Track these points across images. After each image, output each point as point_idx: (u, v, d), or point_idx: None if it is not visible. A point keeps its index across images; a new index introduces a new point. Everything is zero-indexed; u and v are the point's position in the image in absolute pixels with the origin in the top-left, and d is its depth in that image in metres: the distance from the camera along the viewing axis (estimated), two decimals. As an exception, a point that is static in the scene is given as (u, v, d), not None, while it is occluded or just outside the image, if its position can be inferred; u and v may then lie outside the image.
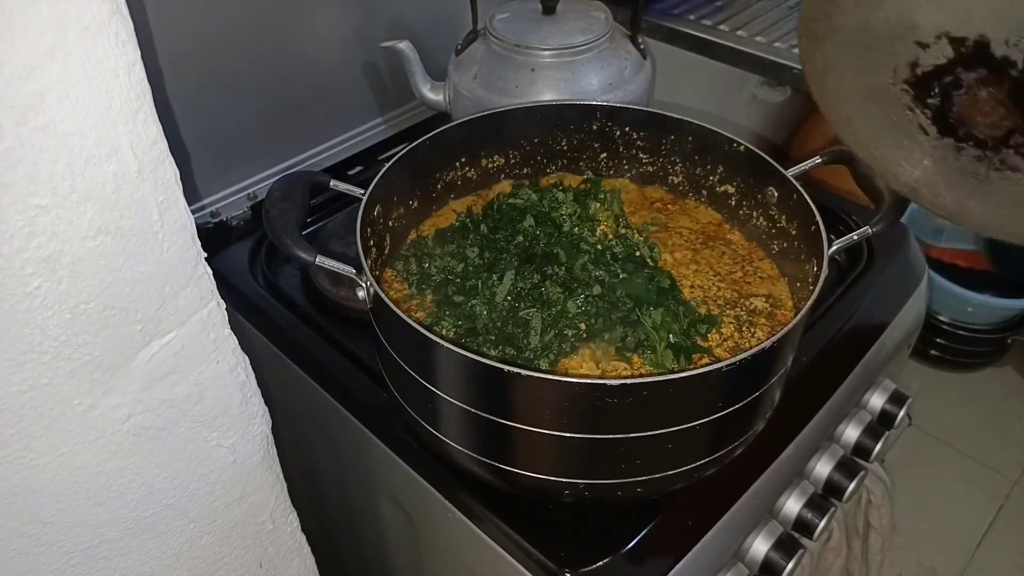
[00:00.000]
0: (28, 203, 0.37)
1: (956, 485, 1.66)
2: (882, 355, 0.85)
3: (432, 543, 0.76)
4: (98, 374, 0.44)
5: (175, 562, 0.55)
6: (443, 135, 0.73)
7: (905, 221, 0.81)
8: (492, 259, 0.69)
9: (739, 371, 0.52)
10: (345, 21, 0.98)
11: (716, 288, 0.69)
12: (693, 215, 0.78)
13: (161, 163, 0.42)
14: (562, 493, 0.59)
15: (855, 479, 0.77)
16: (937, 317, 1.76)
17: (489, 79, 0.87)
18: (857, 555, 0.94)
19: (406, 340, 0.58)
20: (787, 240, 0.69)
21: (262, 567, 0.63)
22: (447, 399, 0.57)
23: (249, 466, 0.57)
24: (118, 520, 0.50)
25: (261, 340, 0.81)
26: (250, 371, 0.54)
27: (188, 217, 0.45)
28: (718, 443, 0.59)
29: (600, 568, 0.61)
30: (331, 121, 1.04)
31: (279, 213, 0.61)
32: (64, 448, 0.44)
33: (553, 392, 0.52)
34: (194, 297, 0.47)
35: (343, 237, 0.87)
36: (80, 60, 0.36)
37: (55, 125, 0.36)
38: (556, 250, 0.68)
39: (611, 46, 0.88)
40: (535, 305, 0.63)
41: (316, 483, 0.92)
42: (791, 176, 0.67)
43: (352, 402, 0.75)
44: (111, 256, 0.41)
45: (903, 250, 0.91)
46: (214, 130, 0.90)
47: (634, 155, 0.80)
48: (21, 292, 0.38)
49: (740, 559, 0.71)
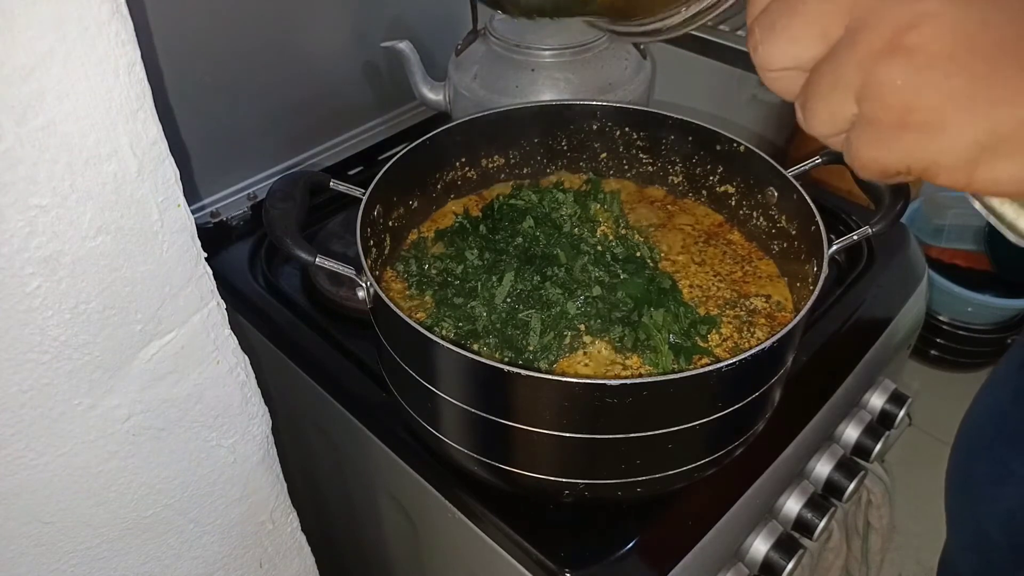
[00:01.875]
0: (28, 203, 0.37)
1: (956, 485, 1.66)
2: (882, 355, 0.85)
3: (432, 543, 0.76)
4: (98, 374, 0.44)
5: (175, 562, 0.55)
6: (443, 135, 0.73)
7: (905, 221, 0.81)
8: (491, 260, 0.68)
9: (739, 371, 0.52)
10: (345, 21, 0.98)
11: (716, 288, 0.69)
12: (693, 215, 0.78)
13: (161, 163, 0.42)
14: (562, 493, 0.59)
15: (855, 479, 0.77)
16: (937, 317, 1.76)
17: (489, 79, 0.87)
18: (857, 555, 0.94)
19: (406, 340, 0.58)
20: (787, 240, 0.69)
21: (262, 567, 0.63)
22: (447, 399, 0.57)
23: (249, 466, 0.57)
24: (118, 520, 0.50)
25: (261, 340, 0.81)
26: (250, 371, 0.54)
27: (188, 217, 0.45)
28: (718, 443, 0.59)
29: (600, 568, 0.61)
30: (331, 121, 1.04)
31: (279, 213, 0.61)
32: (64, 448, 0.44)
33: (553, 392, 0.52)
34: (194, 297, 0.47)
35: (343, 237, 0.87)
36: (80, 60, 0.36)
37: (55, 125, 0.36)
38: (556, 251, 0.68)
39: (611, 46, 0.88)
40: (535, 307, 0.63)
41: (316, 483, 0.92)
42: (791, 176, 0.67)
43: (352, 402, 0.75)
44: (111, 256, 0.41)
45: (903, 250, 0.91)
46: (214, 130, 0.90)
47: (634, 155, 0.80)
48: (21, 292, 0.38)
49: (740, 559, 0.71)
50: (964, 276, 1.73)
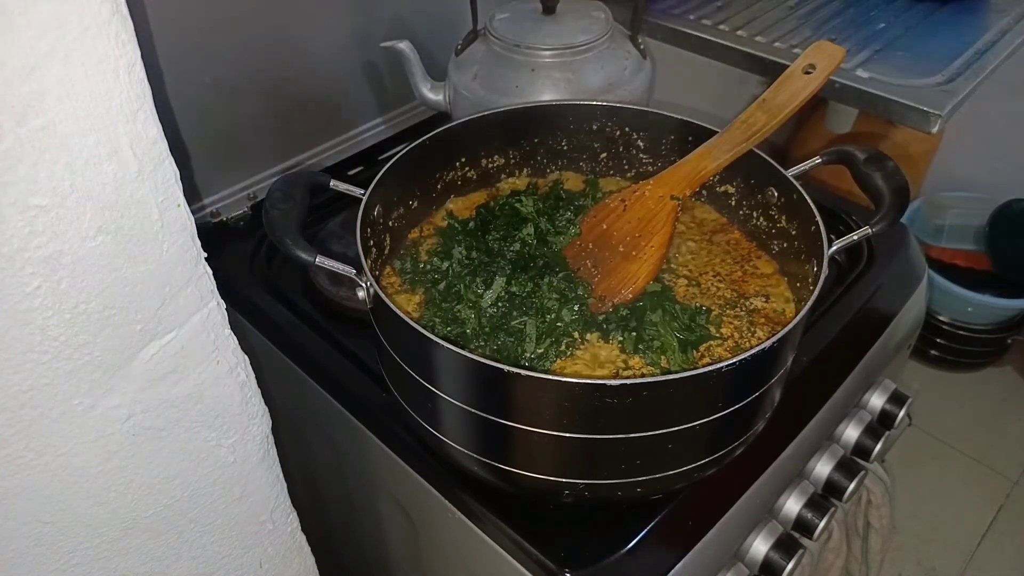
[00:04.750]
0: (28, 203, 0.37)
1: (956, 485, 1.66)
2: (882, 355, 0.85)
3: (432, 543, 0.76)
4: (98, 374, 0.44)
5: (175, 562, 0.55)
6: (443, 135, 0.73)
7: (905, 221, 0.81)
8: (479, 261, 0.68)
9: (739, 371, 0.52)
10: (345, 21, 0.98)
11: (716, 288, 0.69)
12: (693, 215, 0.78)
13: (161, 163, 0.42)
14: (562, 493, 0.59)
15: (855, 479, 0.77)
16: (937, 317, 1.76)
17: (489, 79, 0.87)
18: (857, 555, 0.94)
19: (406, 340, 0.58)
20: (787, 240, 0.69)
21: (262, 567, 0.63)
22: (447, 399, 0.57)
23: (249, 466, 0.57)
24: (118, 520, 0.50)
25: (261, 340, 0.81)
26: (250, 371, 0.54)
27: (188, 217, 0.45)
28: (718, 443, 0.59)
29: (600, 568, 0.61)
30: (331, 121, 1.03)
31: (279, 213, 0.61)
32: (64, 448, 0.44)
33: (553, 392, 0.52)
34: (194, 297, 0.47)
35: (343, 237, 0.87)
36: (80, 60, 0.36)
37: (55, 125, 0.36)
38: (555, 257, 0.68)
39: (611, 46, 0.88)
40: (528, 313, 0.63)
41: (316, 483, 0.92)
42: (791, 176, 0.67)
43: (352, 402, 0.75)
44: (111, 256, 0.41)
45: (903, 250, 0.91)
46: (214, 130, 0.90)
47: (634, 155, 0.80)
48: (21, 292, 0.38)
49: (740, 559, 0.71)
50: (964, 276, 1.73)
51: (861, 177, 0.67)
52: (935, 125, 0.89)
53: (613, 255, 0.67)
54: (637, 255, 0.66)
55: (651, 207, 0.68)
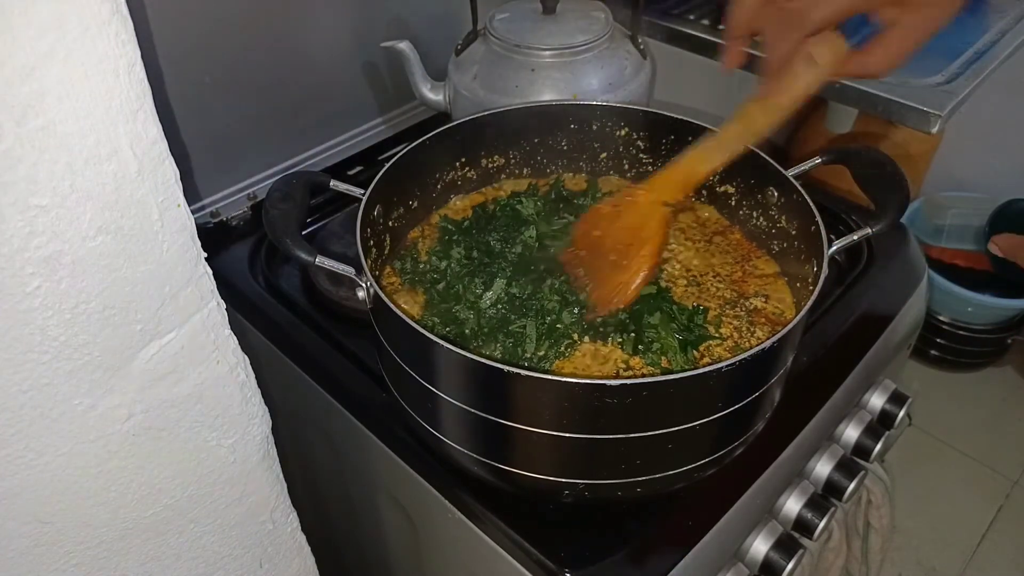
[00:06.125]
0: (28, 203, 0.36)
1: (956, 485, 1.66)
2: (882, 355, 0.85)
3: (432, 543, 0.76)
4: (98, 374, 0.44)
5: (175, 562, 0.55)
6: (443, 135, 0.73)
7: (905, 221, 0.81)
8: (479, 261, 0.68)
9: (739, 371, 0.52)
10: (345, 21, 0.98)
11: (716, 288, 0.69)
12: (693, 215, 0.78)
13: (161, 163, 0.42)
14: (562, 493, 0.59)
15: (855, 479, 0.77)
16: (937, 317, 1.76)
17: (489, 79, 0.87)
18: (857, 555, 0.94)
19: (406, 340, 0.58)
20: (787, 240, 0.69)
21: (262, 567, 0.63)
22: (447, 399, 0.57)
23: (249, 466, 0.57)
24: (118, 520, 0.50)
25: (261, 340, 0.81)
26: (250, 371, 0.54)
27: (188, 217, 0.45)
28: (718, 443, 0.59)
29: (600, 568, 0.61)
30: (331, 121, 1.04)
31: (279, 213, 0.61)
32: (64, 448, 0.44)
33: (553, 392, 0.52)
34: (194, 297, 0.47)
35: (343, 237, 0.87)
36: (80, 60, 0.36)
37: (55, 125, 0.36)
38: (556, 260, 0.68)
39: (611, 46, 0.88)
40: (528, 315, 0.63)
41: (316, 483, 0.92)
42: (791, 176, 0.67)
43: (352, 402, 0.75)
44: (111, 256, 0.41)
45: (903, 250, 0.91)
46: (214, 130, 0.90)
47: (634, 155, 0.80)
48: (21, 292, 0.38)
49: (740, 559, 0.71)
50: (964, 276, 1.73)
51: (861, 177, 0.67)
52: (935, 125, 0.89)
53: (604, 264, 0.65)
54: (628, 264, 0.65)
55: (644, 213, 0.66)
